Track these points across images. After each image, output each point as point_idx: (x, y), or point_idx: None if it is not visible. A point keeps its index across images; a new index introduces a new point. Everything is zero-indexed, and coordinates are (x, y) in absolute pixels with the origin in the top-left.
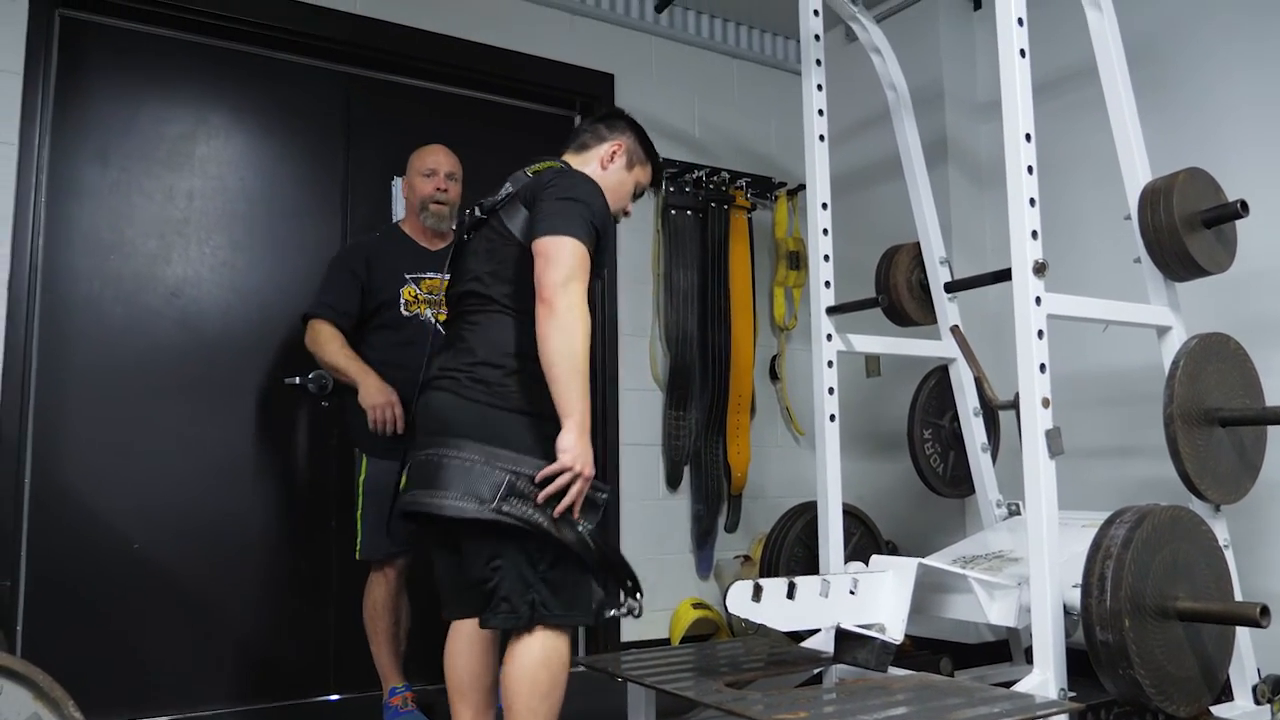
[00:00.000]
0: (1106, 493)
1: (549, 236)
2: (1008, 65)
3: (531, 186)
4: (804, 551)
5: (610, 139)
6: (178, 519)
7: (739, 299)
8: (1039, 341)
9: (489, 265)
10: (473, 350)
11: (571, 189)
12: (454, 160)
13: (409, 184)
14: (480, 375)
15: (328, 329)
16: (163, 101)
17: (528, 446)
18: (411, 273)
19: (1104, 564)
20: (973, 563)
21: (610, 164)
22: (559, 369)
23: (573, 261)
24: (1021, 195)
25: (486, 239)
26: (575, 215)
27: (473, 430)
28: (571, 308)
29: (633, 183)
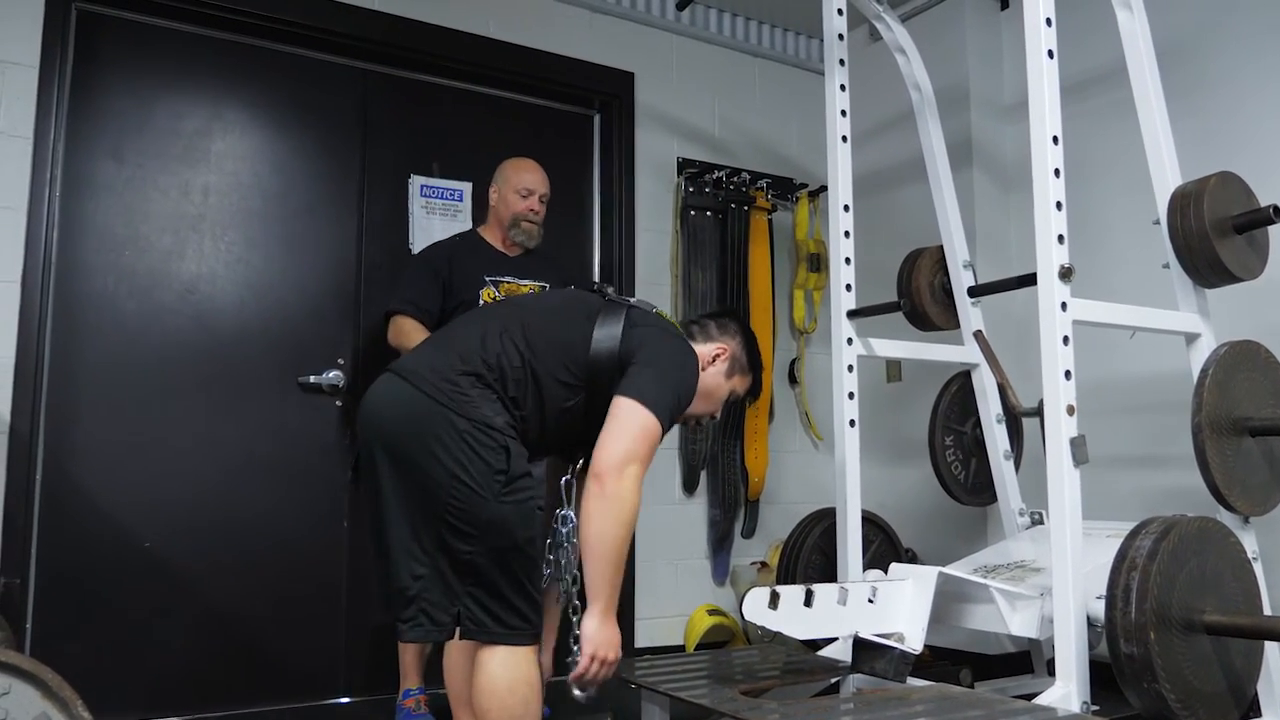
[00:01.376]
0: (1132, 503)
1: (634, 401)
2: (1035, 66)
3: (642, 323)
4: (822, 559)
5: (718, 340)
6: (190, 517)
7: (758, 301)
8: (1064, 348)
9: (545, 340)
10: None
11: (682, 364)
12: (547, 181)
13: (501, 197)
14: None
15: (410, 322)
16: (178, 96)
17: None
18: (491, 275)
19: (1129, 575)
20: (994, 572)
21: (711, 366)
22: (596, 553)
23: (643, 441)
24: (1048, 198)
25: (567, 314)
26: (669, 392)
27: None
28: (625, 495)
29: (728, 390)
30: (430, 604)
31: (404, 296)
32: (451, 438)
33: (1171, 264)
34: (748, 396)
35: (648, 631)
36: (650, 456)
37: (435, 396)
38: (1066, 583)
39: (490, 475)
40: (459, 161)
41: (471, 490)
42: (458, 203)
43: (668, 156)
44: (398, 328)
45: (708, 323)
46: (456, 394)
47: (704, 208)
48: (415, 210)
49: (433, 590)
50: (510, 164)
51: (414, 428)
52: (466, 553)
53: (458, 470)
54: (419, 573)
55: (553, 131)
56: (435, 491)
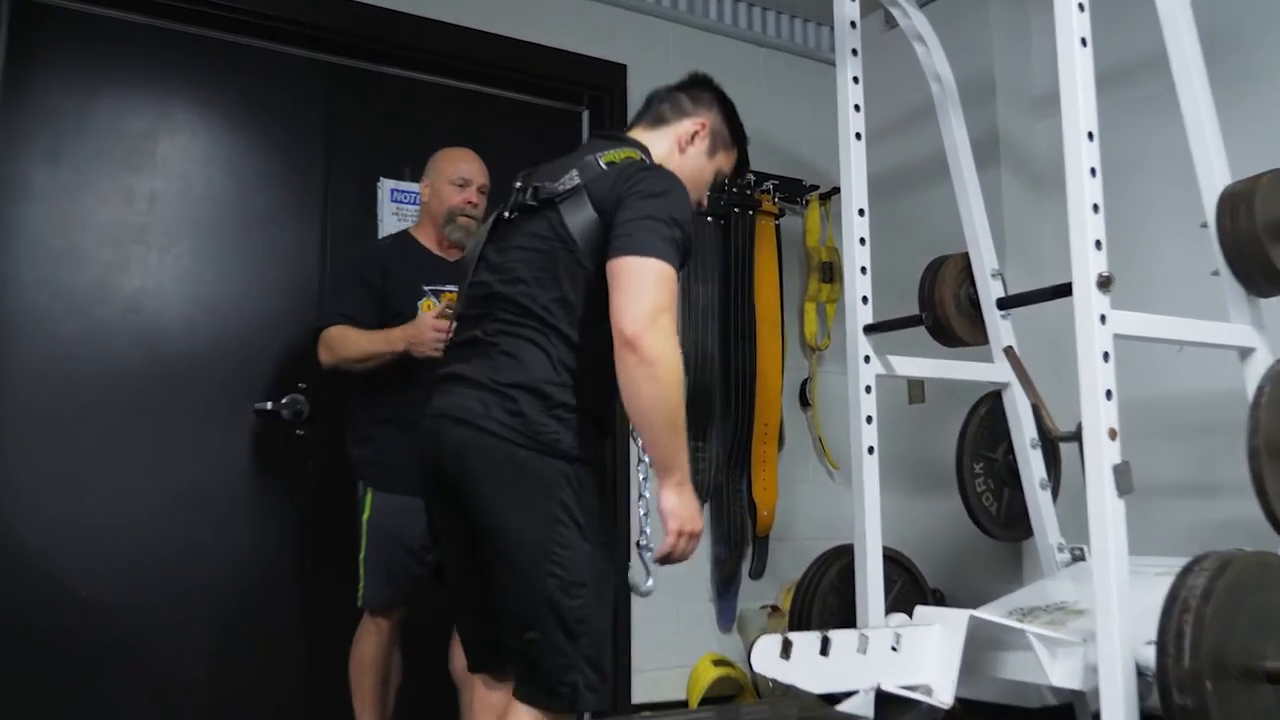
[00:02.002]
0: (1183, 536)
1: (631, 257)
2: (1067, 55)
3: (606, 182)
4: (839, 601)
5: (693, 115)
6: (132, 562)
7: (765, 315)
8: (1104, 365)
9: (535, 269)
10: (506, 368)
11: (661, 196)
12: (486, 171)
13: (433, 190)
14: (516, 405)
15: (337, 329)
16: (122, 93)
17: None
18: (430, 284)
19: (1182, 618)
20: (1031, 615)
21: (690, 146)
22: (656, 425)
23: (661, 291)
24: (1083, 200)
25: (538, 236)
26: (664, 232)
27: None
28: (664, 351)
29: (713, 171)
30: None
31: (333, 309)
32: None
33: (1221, 271)
34: (733, 175)
35: (645, 685)
36: (674, 303)
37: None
38: (1112, 627)
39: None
40: None
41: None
42: None
43: None
44: (329, 341)
45: (678, 96)
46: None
47: (705, 213)
48: (385, 217)
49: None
50: (443, 154)
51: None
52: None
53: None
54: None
55: (536, 129)
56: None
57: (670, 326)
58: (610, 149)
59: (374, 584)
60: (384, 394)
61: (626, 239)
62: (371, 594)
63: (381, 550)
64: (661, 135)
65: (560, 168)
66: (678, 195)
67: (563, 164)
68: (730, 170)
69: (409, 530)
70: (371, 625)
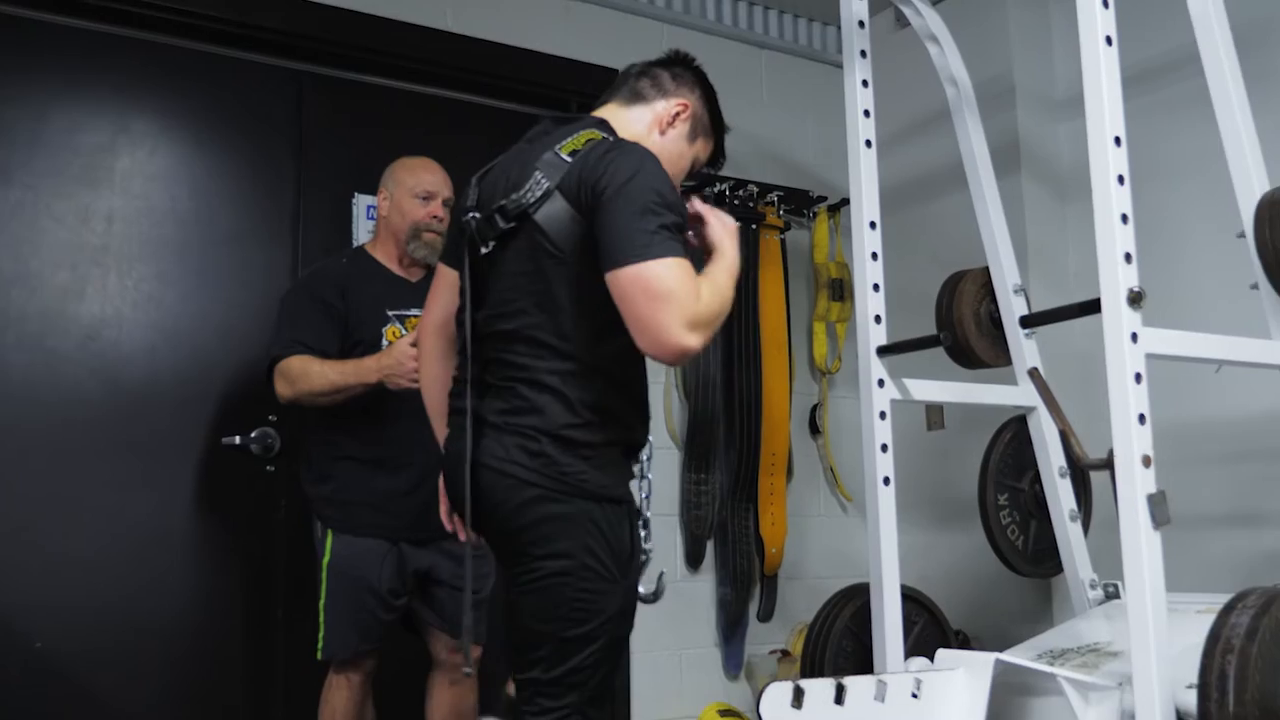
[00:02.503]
0: (1224, 571)
1: (630, 266)
2: (1091, 55)
3: (574, 175)
4: (854, 645)
5: (675, 95)
6: (91, 611)
7: (771, 337)
8: (1137, 386)
9: (533, 295)
10: (523, 413)
11: (634, 180)
12: (450, 182)
13: (394, 204)
14: (539, 445)
15: (300, 359)
16: (77, 105)
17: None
18: (394, 309)
19: (1224, 659)
20: (1062, 658)
21: (670, 129)
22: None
23: (682, 289)
24: (1111, 210)
25: (524, 256)
26: (653, 222)
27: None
28: (706, 337)
29: (691, 158)
30: None
31: (291, 336)
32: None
33: (1260, 284)
34: (708, 167)
35: None
36: (694, 283)
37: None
38: (1150, 669)
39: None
40: None
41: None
42: None
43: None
44: (288, 373)
45: (659, 73)
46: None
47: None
48: (360, 235)
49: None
50: (403, 163)
51: None
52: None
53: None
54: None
55: None
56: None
57: (704, 309)
58: (566, 137)
59: (336, 633)
60: (344, 427)
61: (618, 246)
62: (334, 644)
63: (344, 596)
64: (639, 113)
65: (519, 172)
66: (649, 170)
67: (519, 165)
68: (706, 161)
69: (373, 573)
70: (341, 679)
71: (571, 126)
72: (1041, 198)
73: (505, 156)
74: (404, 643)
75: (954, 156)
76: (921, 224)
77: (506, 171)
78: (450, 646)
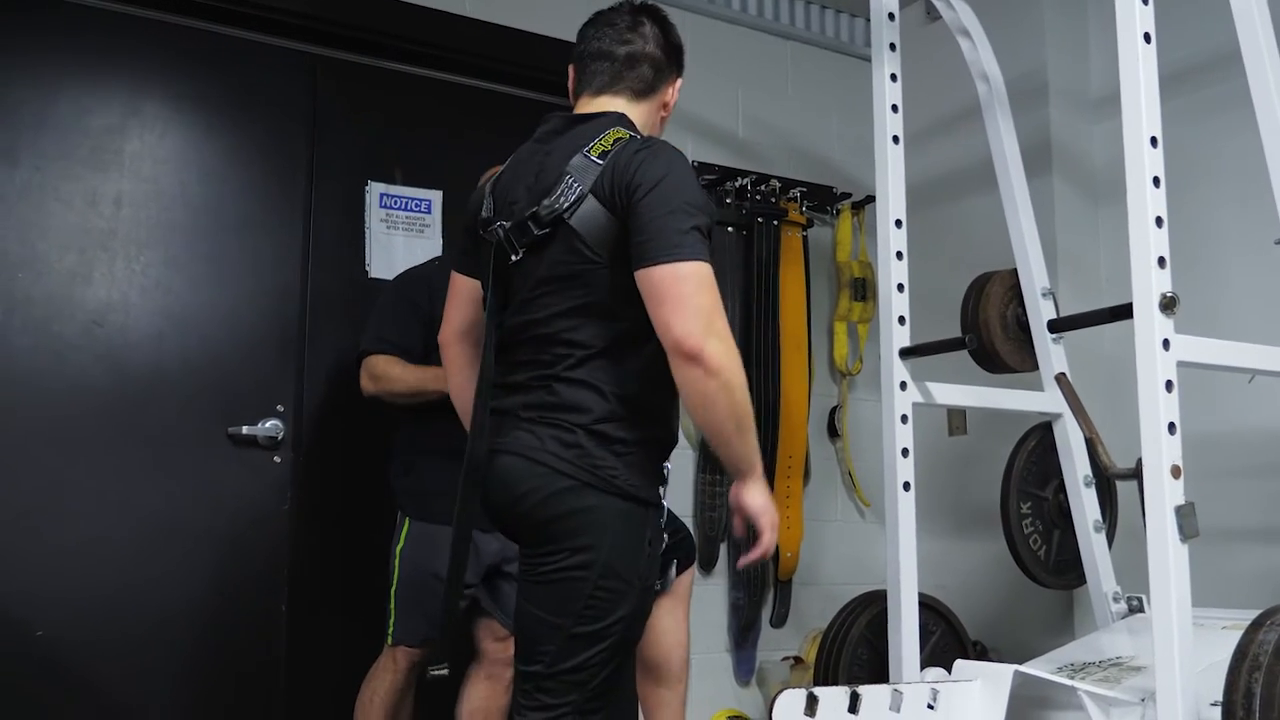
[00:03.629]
0: (1253, 586)
1: (661, 265)
2: (1129, 53)
3: (607, 178)
4: (870, 653)
5: (670, 73)
6: (94, 601)
7: (791, 336)
8: (1167, 395)
9: (571, 298)
10: (558, 408)
11: (665, 181)
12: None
13: None
14: (574, 437)
15: (385, 359)
16: (87, 87)
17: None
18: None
19: (1250, 676)
20: (1084, 671)
21: (667, 111)
22: (729, 431)
23: (705, 294)
24: (1145, 213)
25: (561, 261)
26: (686, 224)
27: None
28: (728, 358)
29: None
30: None
31: (378, 334)
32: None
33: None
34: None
35: None
36: (720, 300)
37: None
38: (1174, 686)
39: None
40: (426, 166)
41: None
42: (424, 215)
43: None
44: (373, 369)
45: (653, 54)
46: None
47: (725, 222)
48: (373, 224)
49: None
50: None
51: None
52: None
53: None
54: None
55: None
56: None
57: (726, 328)
58: (592, 138)
59: (406, 618)
60: (429, 423)
61: (650, 244)
62: (404, 629)
63: (416, 582)
64: (650, 105)
65: (548, 176)
66: (679, 171)
67: (542, 169)
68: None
69: (444, 561)
70: (389, 661)
71: (593, 125)
72: (1073, 199)
73: (516, 159)
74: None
75: (983, 155)
76: (948, 223)
77: (523, 176)
78: (497, 637)
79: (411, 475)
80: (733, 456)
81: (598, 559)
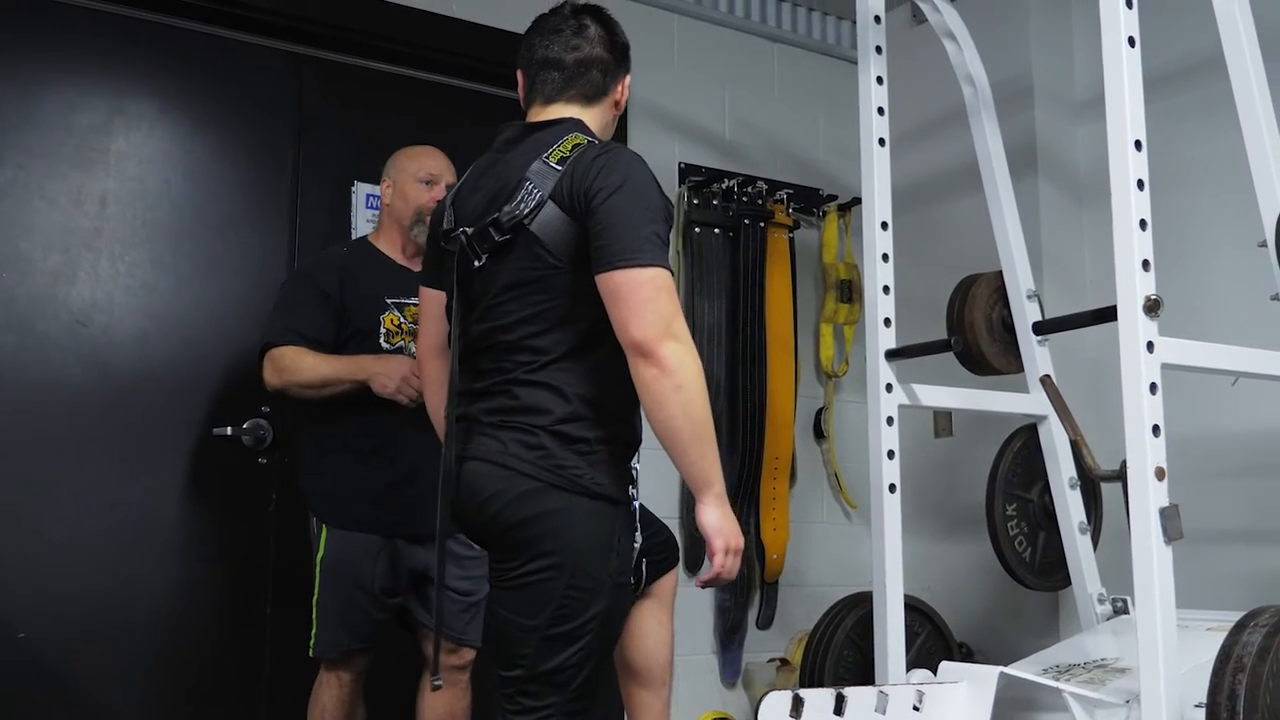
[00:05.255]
0: (1236, 588)
1: (620, 270)
2: (1113, 56)
3: (566, 183)
4: (856, 655)
5: (619, 73)
6: (78, 601)
7: (777, 338)
8: (1151, 397)
9: (532, 304)
10: (520, 412)
11: (624, 187)
12: (453, 168)
13: (397, 191)
14: (537, 439)
15: (293, 350)
16: (71, 85)
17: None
18: (393, 296)
19: (1234, 678)
20: (1069, 673)
21: (618, 109)
22: (685, 438)
23: (665, 298)
24: (1129, 216)
25: (523, 268)
26: (645, 231)
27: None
28: (684, 358)
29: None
30: None
31: (286, 325)
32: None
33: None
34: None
35: None
36: (678, 305)
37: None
38: (1158, 687)
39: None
40: None
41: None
42: None
43: (667, 162)
44: (278, 361)
45: (602, 58)
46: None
47: (711, 224)
48: (359, 224)
49: None
50: (404, 151)
51: None
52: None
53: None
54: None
55: None
56: None
57: (685, 332)
58: (553, 144)
59: (328, 631)
60: (337, 419)
61: (610, 249)
62: (325, 643)
63: (337, 593)
64: (602, 108)
65: (507, 183)
66: (639, 177)
67: (502, 177)
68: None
69: (366, 571)
70: (331, 678)
71: (550, 131)
72: (1058, 201)
73: (475, 169)
74: (397, 641)
75: (969, 157)
76: (934, 226)
77: (482, 185)
78: (445, 649)
79: (321, 477)
80: (689, 468)
81: (567, 560)
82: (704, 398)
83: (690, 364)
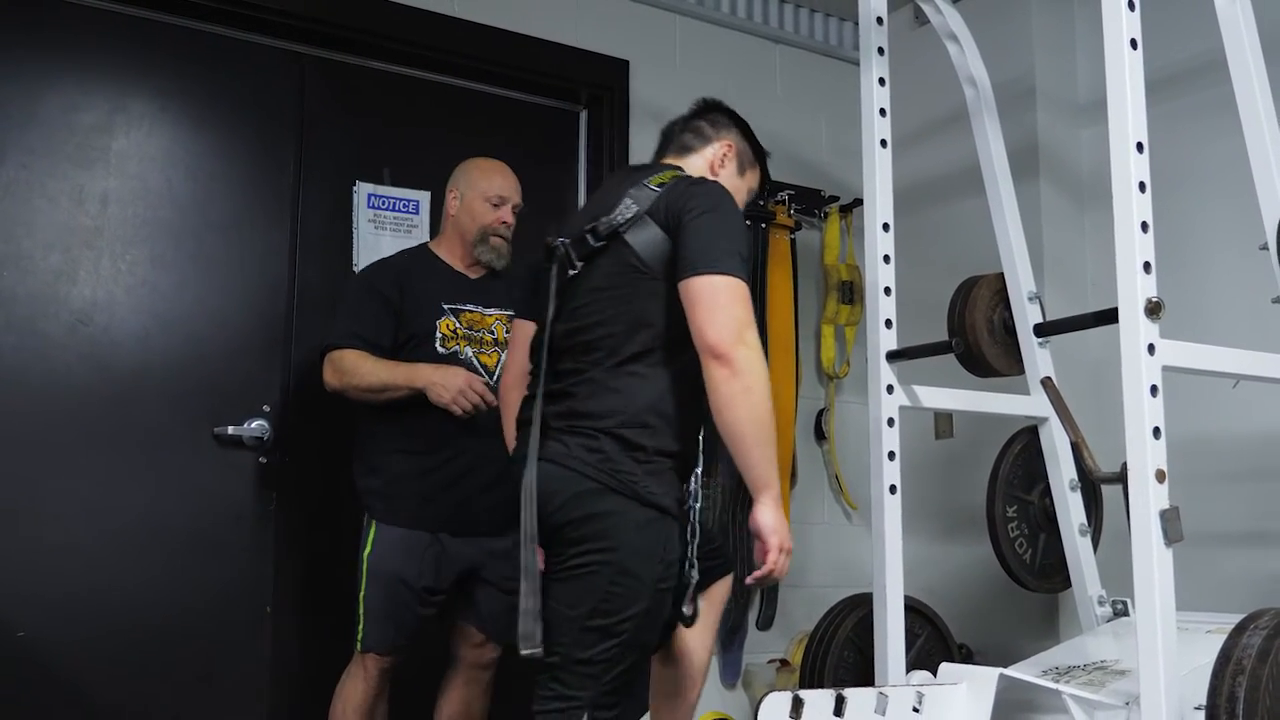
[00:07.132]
0: (1237, 590)
1: (703, 276)
2: (1115, 58)
3: (663, 202)
4: (856, 656)
5: (717, 139)
6: (77, 601)
7: (778, 339)
8: (1152, 399)
9: (614, 306)
10: (585, 415)
11: (715, 210)
12: (519, 188)
13: (464, 206)
14: (597, 443)
15: (354, 353)
16: (73, 84)
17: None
18: (450, 302)
19: (1234, 680)
20: (1068, 675)
21: (721, 169)
22: (749, 440)
23: (741, 306)
24: (1131, 218)
25: (611, 273)
26: (729, 247)
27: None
28: (754, 364)
29: (745, 190)
30: None
31: (346, 328)
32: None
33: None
34: (762, 191)
35: None
36: (750, 310)
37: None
38: (1158, 689)
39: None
40: (414, 167)
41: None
42: (412, 215)
43: None
44: (338, 364)
45: (697, 124)
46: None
47: None
48: (361, 224)
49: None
50: (476, 165)
51: None
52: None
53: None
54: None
55: (529, 131)
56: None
57: (757, 341)
58: (653, 174)
59: (375, 627)
60: (393, 420)
61: (695, 258)
62: (373, 638)
63: (383, 590)
64: (694, 161)
65: (609, 201)
66: (728, 205)
67: (608, 198)
68: (757, 187)
69: (412, 569)
70: (359, 669)
71: (653, 169)
72: (1060, 204)
73: (589, 199)
74: (419, 640)
75: (971, 159)
76: (936, 227)
77: (587, 209)
78: (474, 643)
79: (376, 476)
80: (751, 469)
81: (614, 559)
82: (769, 404)
83: (760, 370)
